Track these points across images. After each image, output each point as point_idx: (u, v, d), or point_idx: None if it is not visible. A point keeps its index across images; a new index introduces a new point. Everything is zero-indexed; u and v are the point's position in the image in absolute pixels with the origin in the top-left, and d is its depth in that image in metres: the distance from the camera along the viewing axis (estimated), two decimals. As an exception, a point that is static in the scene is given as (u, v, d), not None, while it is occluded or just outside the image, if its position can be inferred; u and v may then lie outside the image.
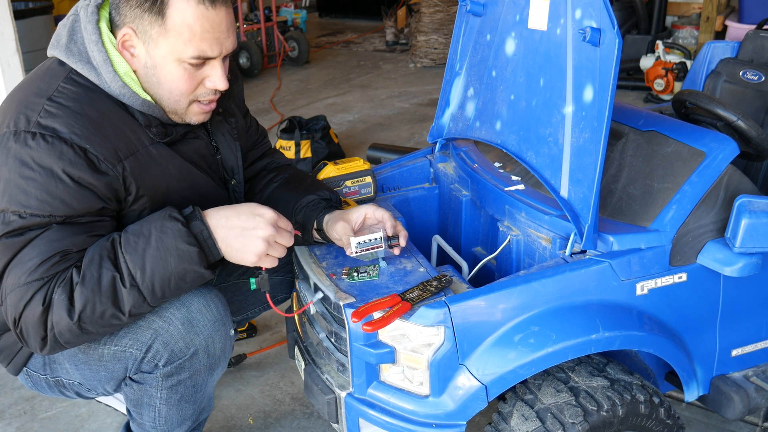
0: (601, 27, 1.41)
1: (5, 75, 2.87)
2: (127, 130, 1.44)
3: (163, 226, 1.37)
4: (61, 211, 1.35)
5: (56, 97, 1.39)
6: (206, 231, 1.40)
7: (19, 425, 2.13)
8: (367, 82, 6.33)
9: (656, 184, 1.60)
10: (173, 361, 1.50)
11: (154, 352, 1.48)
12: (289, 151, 3.97)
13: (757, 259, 1.48)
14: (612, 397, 1.45)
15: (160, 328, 1.47)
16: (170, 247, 1.36)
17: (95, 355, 1.51)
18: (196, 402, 1.61)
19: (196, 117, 1.53)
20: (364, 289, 1.52)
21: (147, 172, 1.46)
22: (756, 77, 2.25)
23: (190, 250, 1.37)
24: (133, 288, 1.35)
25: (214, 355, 1.54)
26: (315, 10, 10.05)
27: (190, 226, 1.39)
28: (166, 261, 1.36)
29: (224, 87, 1.48)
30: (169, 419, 1.59)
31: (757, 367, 1.73)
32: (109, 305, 1.35)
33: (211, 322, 1.51)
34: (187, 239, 1.36)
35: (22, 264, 1.34)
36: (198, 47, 1.40)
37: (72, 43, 1.44)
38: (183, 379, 1.53)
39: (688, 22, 6.25)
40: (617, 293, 1.49)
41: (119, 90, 1.42)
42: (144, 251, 1.35)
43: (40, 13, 4.97)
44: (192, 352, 1.50)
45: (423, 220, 2.06)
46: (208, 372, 1.56)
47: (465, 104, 1.94)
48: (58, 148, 1.34)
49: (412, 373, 1.45)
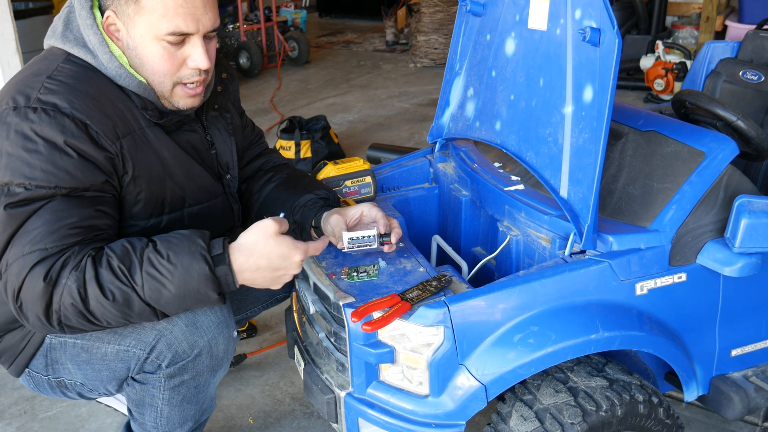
0: (601, 27, 1.41)
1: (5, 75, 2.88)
2: (125, 109, 1.45)
3: (191, 266, 1.33)
4: (66, 182, 1.35)
5: (56, 75, 1.40)
6: (230, 276, 1.37)
7: (20, 425, 2.13)
8: (367, 82, 6.33)
9: (656, 184, 1.60)
10: (176, 362, 1.50)
11: (158, 353, 1.48)
12: (289, 151, 3.97)
13: (756, 259, 1.48)
14: (611, 397, 1.45)
15: (164, 329, 1.47)
16: (192, 290, 1.34)
17: (98, 354, 1.51)
18: (198, 403, 1.61)
19: (183, 101, 1.51)
20: (364, 289, 1.52)
21: (142, 152, 1.47)
22: (756, 77, 2.25)
23: (211, 295, 1.36)
24: (145, 305, 1.34)
25: (217, 356, 1.54)
26: (315, 10, 10.05)
27: (216, 271, 1.35)
28: (184, 299, 1.35)
29: (206, 66, 1.47)
30: (170, 419, 1.59)
31: (757, 367, 1.74)
32: (119, 311, 1.33)
33: (215, 323, 1.51)
34: (211, 286, 1.35)
35: (27, 233, 1.32)
36: (172, 22, 1.40)
37: (68, 31, 1.46)
38: (186, 380, 1.53)
39: (688, 22, 6.25)
40: (617, 293, 1.49)
41: (115, 71, 1.44)
42: (164, 285, 1.33)
43: (40, 13, 4.97)
44: (196, 354, 1.50)
45: (423, 220, 2.06)
46: (211, 373, 1.56)
47: (465, 104, 1.94)
48: (60, 122, 1.34)
49: (412, 373, 1.45)
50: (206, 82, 1.54)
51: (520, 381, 1.46)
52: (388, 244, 1.61)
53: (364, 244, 1.58)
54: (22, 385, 2.28)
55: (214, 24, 1.46)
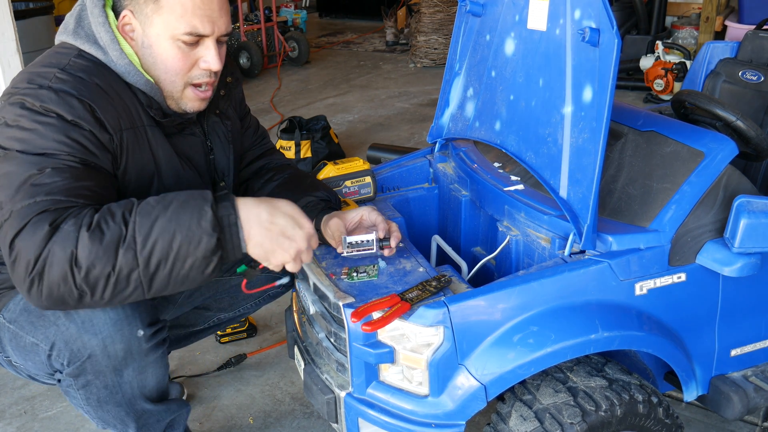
0: (600, 27, 1.41)
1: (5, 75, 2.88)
2: (130, 105, 1.48)
3: (187, 200, 1.28)
4: (79, 153, 1.36)
5: (68, 68, 1.44)
6: (234, 216, 1.30)
7: (19, 425, 2.13)
8: (367, 82, 6.33)
9: (655, 184, 1.60)
10: (74, 362, 1.44)
11: (57, 351, 1.44)
12: (289, 151, 3.97)
13: (755, 259, 1.48)
14: (610, 397, 1.45)
15: (63, 324, 1.42)
16: (183, 223, 1.26)
17: (21, 343, 1.49)
18: (121, 404, 1.52)
19: (191, 103, 1.54)
20: (364, 289, 1.52)
21: (139, 148, 1.49)
22: (755, 77, 2.26)
23: (203, 234, 1.26)
24: (129, 251, 1.26)
25: (115, 356, 1.45)
26: (315, 10, 10.06)
27: (218, 207, 1.29)
28: (173, 235, 1.26)
29: (217, 67, 1.50)
30: (105, 420, 1.54)
31: (756, 367, 1.74)
32: (106, 261, 1.26)
33: (112, 320, 1.43)
34: (206, 221, 1.26)
35: (42, 185, 1.29)
36: (189, 23, 1.44)
37: (79, 28, 1.50)
38: (90, 380, 1.47)
39: (688, 22, 6.26)
40: (616, 293, 1.49)
41: (125, 67, 1.47)
42: (156, 218, 1.27)
43: (40, 13, 4.97)
44: (88, 354, 1.43)
45: (422, 220, 2.06)
46: (114, 373, 1.48)
47: (464, 104, 1.95)
48: (69, 102, 1.38)
49: (412, 373, 1.45)
50: (214, 85, 1.57)
51: (520, 381, 1.46)
52: (388, 249, 1.61)
53: (363, 248, 1.59)
54: (23, 385, 2.29)
55: (227, 28, 1.50)
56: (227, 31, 1.50)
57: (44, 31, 4.88)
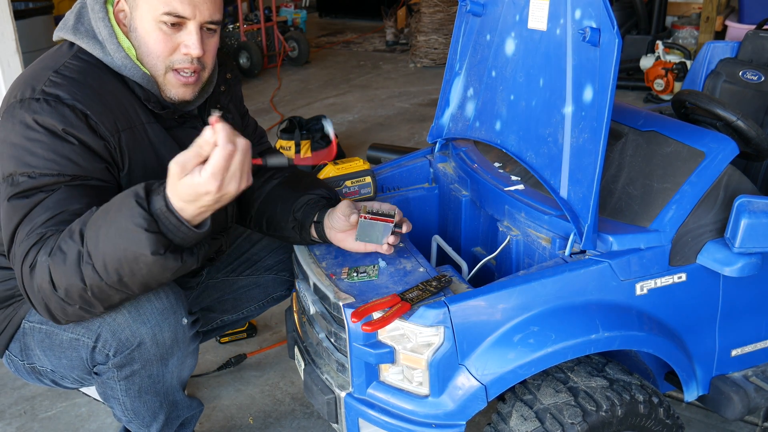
0: (601, 27, 1.41)
1: (5, 75, 2.87)
2: (127, 104, 1.50)
3: (122, 203, 1.27)
4: (69, 169, 1.38)
5: (62, 69, 1.45)
6: (162, 201, 1.25)
7: (19, 425, 2.13)
8: (367, 82, 6.33)
9: (656, 184, 1.60)
10: (122, 351, 1.47)
11: (103, 342, 1.46)
12: (289, 151, 3.97)
13: (756, 259, 1.48)
14: (611, 397, 1.45)
15: (108, 315, 1.45)
16: (121, 228, 1.25)
17: (57, 341, 1.51)
18: (160, 394, 1.57)
19: (174, 90, 1.53)
20: (364, 289, 1.52)
21: (140, 147, 1.50)
22: (755, 77, 2.26)
23: (136, 233, 1.23)
24: (88, 265, 1.27)
25: (163, 344, 1.50)
26: (315, 10, 10.05)
27: (150, 202, 1.25)
28: (116, 243, 1.25)
29: (197, 53, 1.49)
30: (137, 412, 1.57)
31: (757, 367, 1.74)
32: (75, 279, 1.29)
33: (159, 310, 1.47)
34: (136, 220, 1.23)
35: (30, 222, 1.34)
36: (169, 3, 1.44)
37: (79, 24, 1.52)
38: (136, 370, 1.50)
39: (688, 22, 6.25)
40: (617, 293, 1.49)
41: (122, 61, 1.49)
42: (99, 229, 1.27)
43: (40, 13, 4.97)
44: (138, 342, 1.47)
45: (423, 220, 2.06)
46: (161, 362, 1.52)
47: (465, 104, 1.94)
48: (61, 111, 1.39)
49: (412, 373, 1.45)
50: (200, 73, 1.55)
51: (521, 381, 1.46)
52: (398, 234, 1.62)
53: (380, 218, 1.58)
54: (22, 385, 2.29)
55: (213, 15, 1.49)
56: (212, 18, 1.49)
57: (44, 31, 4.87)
